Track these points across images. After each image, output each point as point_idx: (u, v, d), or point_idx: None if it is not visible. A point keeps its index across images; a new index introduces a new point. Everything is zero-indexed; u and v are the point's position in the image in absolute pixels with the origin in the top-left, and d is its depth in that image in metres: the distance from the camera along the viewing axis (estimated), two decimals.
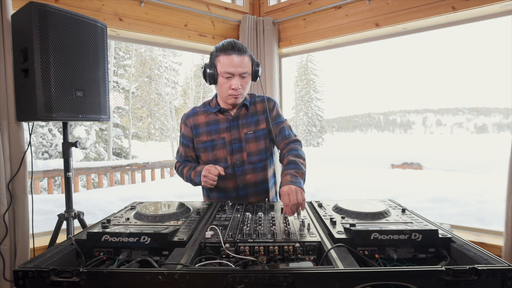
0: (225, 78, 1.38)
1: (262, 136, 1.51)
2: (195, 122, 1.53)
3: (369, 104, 76.45)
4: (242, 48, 1.37)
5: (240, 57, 1.36)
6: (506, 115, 41.47)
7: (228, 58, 1.35)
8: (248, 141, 1.49)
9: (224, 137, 1.48)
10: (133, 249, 0.94)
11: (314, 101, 22.40)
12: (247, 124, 1.50)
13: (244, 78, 1.39)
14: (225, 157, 1.48)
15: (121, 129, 13.03)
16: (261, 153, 1.50)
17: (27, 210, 1.76)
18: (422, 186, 5.77)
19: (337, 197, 4.64)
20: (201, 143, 1.51)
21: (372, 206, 1.20)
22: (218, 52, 1.37)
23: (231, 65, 1.35)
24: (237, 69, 1.35)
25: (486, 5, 1.91)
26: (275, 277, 0.70)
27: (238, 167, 1.49)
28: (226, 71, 1.36)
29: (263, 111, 1.53)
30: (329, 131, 41.82)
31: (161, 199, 4.56)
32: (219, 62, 1.37)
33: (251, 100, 1.54)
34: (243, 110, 1.51)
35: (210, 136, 1.50)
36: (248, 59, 1.39)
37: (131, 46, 14.45)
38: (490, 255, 0.81)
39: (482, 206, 4.12)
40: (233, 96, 1.41)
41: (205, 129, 1.51)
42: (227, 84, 1.39)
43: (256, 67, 1.43)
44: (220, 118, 1.50)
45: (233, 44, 1.35)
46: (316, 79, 22.44)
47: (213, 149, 1.49)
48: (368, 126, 53.99)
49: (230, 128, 1.49)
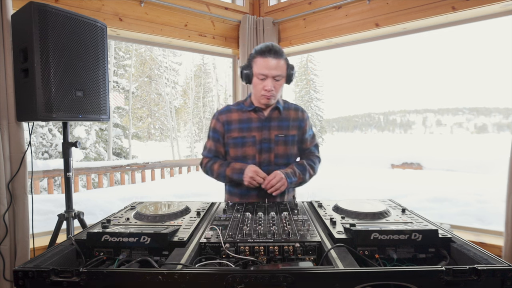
0: (259, 79, 1.45)
1: (291, 142, 1.57)
2: (227, 118, 1.58)
3: (369, 104, 76.51)
4: (279, 51, 1.44)
5: (276, 60, 1.42)
6: (506, 115, 41.47)
7: (264, 60, 1.42)
8: (277, 143, 1.55)
9: (254, 136, 1.54)
10: (133, 249, 0.94)
11: (314, 101, 22.39)
12: (279, 127, 1.56)
13: (278, 81, 1.46)
14: (254, 155, 1.54)
15: (121, 129, 13.04)
16: (287, 157, 1.57)
17: (27, 210, 1.76)
18: (422, 186, 5.76)
19: (337, 197, 4.64)
20: (232, 139, 1.56)
21: (372, 206, 1.20)
22: (256, 54, 1.46)
23: (265, 67, 1.42)
24: (271, 72, 1.42)
25: (486, 5, 1.91)
26: (275, 277, 0.70)
27: (264, 166, 1.54)
28: (261, 72, 1.43)
29: (295, 118, 1.59)
30: (329, 131, 41.81)
31: (161, 199, 4.55)
32: (255, 63, 1.45)
33: (285, 106, 1.61)
34: (276, 112, 1.57)
35: (241, 133, 1.55)
36: (284, 63, 1.46)
37: (131, 46, 14.45)
38: (490, 255, 0.81)
39: (482, 206, 4.11)
40: (265, 97, 1.47)
41: (237, 126, 1.56)
42: (260, 85, 1.46)
43: (291, 71, 1.49)
44: (253, 116, 1.56)
45: (270, 47, 1.42)
46: (316, 79, 22.44)
47: (243, 146, 1.55)
48: (368, 126, 53.98)
49: (261, 127, 1.54)
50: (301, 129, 1.60)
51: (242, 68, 1.51)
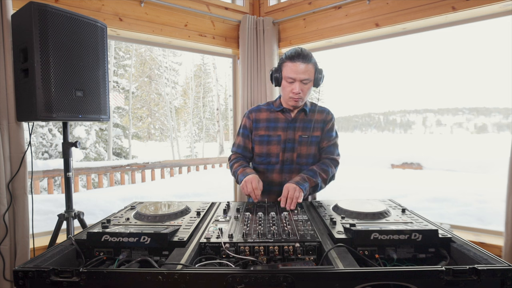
0: (288, 82, 1.52)
1: (315, 143, 1.63)
2: (257, 116, 1.67)
3: (369, 104, 76.46)
4: (307, 56, 1.49)
5: (304, 64, 1.47)
6: (506, 115, 41.46)
7: (293, 64, 1.48)
8: (300, 144, 1.61)
9: (280, 135, 1.61)
10: (133, 249, 0.94)
11: (314, 101, 22.38)
12: (303, 128, 1.62)
13: (306, 84, 1.51)
14: (278, 153, 1.61)
15: (121, 129, 13.03)
16: (309, 157, 1.62)
17: (27, 210, 1.76)
18: (422, 186, 5.76)
19: (337, 197, 4.62)
20: (258, 136, 1.65)
21: (372, 206, 1.20)
22: (285, 58, 1.52)
23: (294, 71, 1.48)
24: (299, 75, 1.48)
25: (486, 5, 1.91)
26: (275, 277, 0.70)
27: (287, 164, 1.62)
28: (289, 76, 1.49)
29: (321, 120, 1.65)
30: None
31: (161, 199, 4.55)
32: (284, 67, 1.52)
33: (311, 108, 1.67)
34: (302, 114, 1.63)
35: (268, 132, 1.63)
36: (312, 67, 1.50)
37: (131, 46, 14.44)
38: (490, 255, 0.81)
39: (482, 206, 4.11)
40: (293, 99, 1.54)
41: (264, 124, 1.64)
42: (289, 88, 1.52)
43: (319, 74, 1.53)
44: (280, 117, 1.64)
45: (299, 52, 1.48)
46: None
47: (268, 144, 1.63)
48: (368, 126, 53.96)
49: (287, 128, 1.62)
50: (323, 129, 1.65)
51: (272, 71, 1.58)
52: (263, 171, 1.66)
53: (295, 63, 1.47)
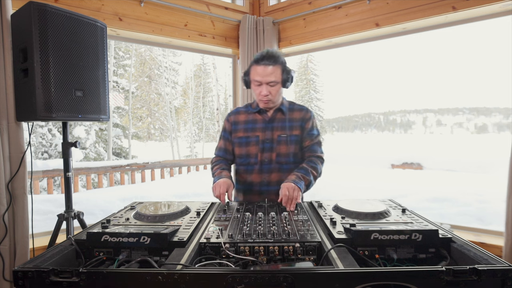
0: (256, 85, 1.54)
1: (294, 142, 1.62)
2: (235, 119, 1.68)
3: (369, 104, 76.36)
4: (273, 57, 1.49)
5: (270, 66, 1.48)
6: (506, 115, 41.45)
7: (259, 67, 1.49)
8: (279, 143, 1.61)
9: (258, 135, 1.62)
10: (133, 249, 0.94)
11: (314, 101, 22.39)
12: (281, 127, 1.63)
13: (273, 86, 1.52)
14: (256, 154, 1.62)
15: (121, 129, 13.02)
16: (289, 156, 1.62)
17: (26, 210, 1.76)
18: (422, 186, 5.76)
19: (337, 197, 4.62)
20: (237, 138, 1.66)
21: (372, 206, 1.20)
22: (253, 61, 1.53)
23: (259, 74, 1.49)
24: (264, 78, 1.49)
25: (486, 5, 1.91)
26: (275, 277, 0.70)
27: (265, 164, 1.62)
28: (255, 79, 1.52)
29: (299, 119, 1.65)
30: (329, 131, 41.81)
31: (161, 199, 4.55)
32: (252, 70, 1.54)
33: (289, 107, 1.67)
34: (279, 114, 1.64)
35: (246, 133, 1.64)
36: (279, 68, 1.51)
37: (131, 46, 14.44)
38: (490, 255, 0.81)
39: (482, 206, 4.11)
40: (262, 101, 1.56)
41: (243, 126, 1.65)
42: (257, 90, 1.55)
43: (286, 75, 1.53)
44: (258, 118, 1.65)
45: (264, 55, 1.49)
46: (316, 79, 22.43)
47: (247, 145, 1.63)
48: (368, 126, 53.95)
49: (265, 128, 1.62)
50: (303, 128, 1.64)
51: (243, 74, 1.61)
52: (243, 172, 1.68)
53: (260, 65, 1.47)
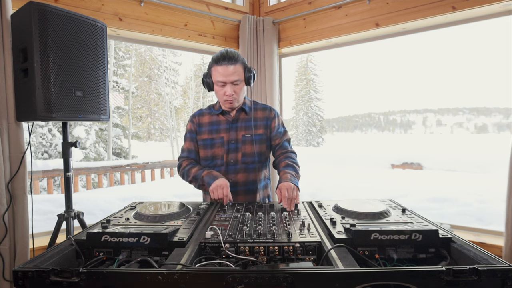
0: (219, 86, 1.51)
1: (258, 141, 1.61)
2: (199, 121, 1.65)
3: (369, 104, 76.34)
4: (233, 57, 1.47)
5: (232, 66, 1.46)
6: (506, 115, 41.45)
7: (221, 68, 1.47)
8: (244, 143, 1.60)
9: (222, 137, 1.60)
10: (133, 249, 0.93)
11: (314, 101, 22.40)
12: (246, 127, 1.61)
13: (237, 85, 1.51)
14: (222, 155, 1.60)
15: (121, 129, 13.03)
16: (254, 156, 1.61)
17: (26, 210, 1.76)
18: (422, 186, 5.76)
19: (337, 197, 4.63)
20: (202, 140, 1.63)
21: (372, 206, 1.20)
22: (212, 62, 1.50)
23: (222, 74, 1.47)
24: (228, 78, 1.47)
25: (486, 5, 1.91)
26: (275, 277, 0.70)
27: (231, 165, 1.60)
28: (219, 80, 1.49)
29: (263, 118, 1.64)
30: (329, 131, 41.77)
31: (161, 199, 4.55)
32: (213, 71, 1.50)
33: (252, 106, 1.65)
34: (242, 114, 1.63)
35: (211, 135, 1.61)
36: (240, 67, 1.50)
37: (131, 46, 14.44)
38: (490, 255, 0.81)
39: (482, 206, 4.11)
40: (227, 102, 1.53)
41: (207, 128, 1.63)
42: (221, 91, 1.52)
43: (249, 73, 1.53)
44: (221, 119, 1.62)
45: (224, 55, 1.46)
46: (316, 79, 22.44)
47: (212, 147, 1.61)
48: (368, 126, 53.93)
49: (229, 129, 1.60)
50: (268, 127, 1.64)
51: (203, 77, 1.56)
52: None
53: (222, 66, 1.46)
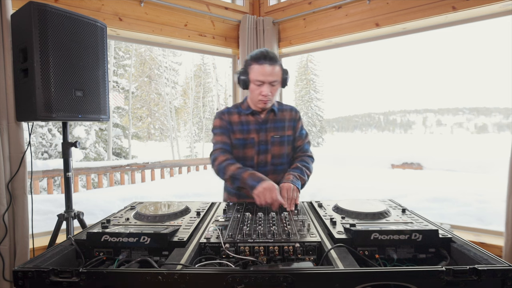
0: (256, 85, 1.50)
1: (286, 142, 1.63)
2: (230, 119, 1.62)
3: (369, 104, 76.31)
4: (274, 58, 1.49)
5: (271, 66, 1.47)
6: (506, 115, 41.44)
7: (260, 67, 1.47)
8: (273, 144, 1.60)
9: (253, 138, 1.60)
10: (133, 249, 0.93)
11: (314, 101, 22.40)
12: (274, 128, 1.61)
13: (274, 86, 1.51)
14: (253, 156, 1.60)
15: (121, 129, 13.03)
16: (282, 157, 1.62)
17: (26, 210, 1.76)
18: (422, 186, 5.75)
19: (337, 197, 4.62)
20: (235, 139, 1.61)
21: (372, 206, 1.20)
22: (252, 61, 1.50)
23: (262, 73, 1.47)
24: (267, 78, 1.47)
25: (486, 5, 1.91)
26: (275, 277, 0.70)
27: (261, 167, 1.60)
28: (257, 79, 1.48)
29: (290, 119, 1.65)
30: (329, 131, 41.75)
31: (161, 199, 4.55)
32: (251, 70, 1.50)
33: (279, 107, 1.66)
34: (271, 115, 1.62)
35: (242, 135, 1.60)
36: (279, 68, 1.51)
37: (131, 46, 14.44)
38: (490, 255, 0.81)
39: (482, 206, 4.11)
40: (262, 102, 1.52)
41: (238, 127, 1.61)
42: (257, 90, 1.50)
43: (285, 75, 1.55)
44: (250, 119, 1.61)
45: (265, 54, 1.47)
46: (316, 79, 22.44)
47: (244, 148, 1.60)
48: (368, 126, 53.92)
49: (259, 130, 1.60)
50: (295, 128, 1.66)
51: (239, 74, 1.56)
52: None
53: (262, 65, 1.46)
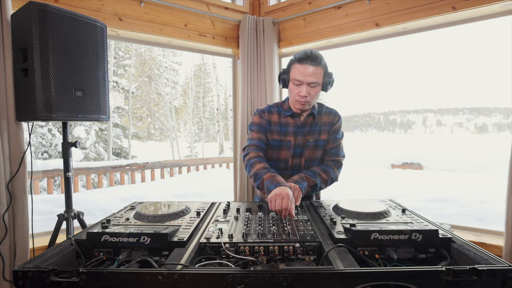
0: (295, 85, 1.48)
1: (322, 146, 1.60)
2: (269, 118, 1.60)
3: (369, 104, 76.30)
4: (317, 58, 1.44)
5: (313, 67, 1.43)
6: (506, 115, 41.42)
7: (301, 67, 1.44)
8: (308, 148, 1.58)
9: (290, 140, 1.58)
10: (133, 249, 0.93)
11: None
12: (311, 132, 1.59)
13: (313, 88, 1.46)
14: (287, 159, 1.59)
15: (121, 129, 13.02)
16: (316, 161, 1.61)
17: (26, 210, 1.76)
18: (422, 186, 5.76)
19: (337, 197, 4.60)
20: (272, 139, 1.60)
21: (372, 206, 1.20)
22: (294, 60, 1.48)
23: (301, 73, 1.44)
24: (306, 78, 1.43)
25: (486, 5, 1.90)
26: (275, 277, 0.70)
27: (295, 170, 1.59)
28: (296, 78, 1.46)
29: (328, 123, 1.61)
30: None
31: (161, 199, 4.55)
32: (293, 69, 1.48)
33: (319, 110, 1.62)
34: (311, 118, 1.59)
35: (279, 136, 1.59)
36: (321, 70, 1.46)
37: (131, 46, 14.44)
38: (490, 255, 0.81)
39: (482, 206, 4.11)
40: (299, 102, 1.49)
41: (277, 128, 1.59)
42: (296, 90, 1.48)
43: (328, 78, 1.49)
44: (290, 121, 1.59)
45: (308, 54, 1.44)
46: None
47: (280, 149, 1.59)
48: (368, 126, 53.92)
49: (296, 133, 1.58)
50: (329, 132, 1.61)
51: (281, 73, 1.55)
52: None
53: (303, 65, 1.43)
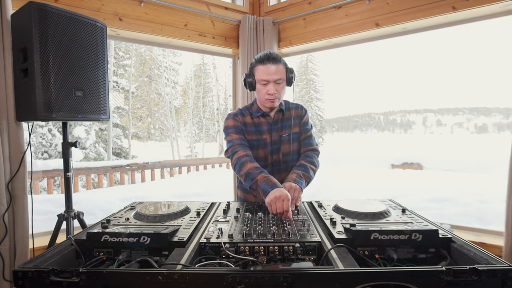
0: (262, 85, 1.55)
1: (296, 139, 1.68)
2: (243, 120, 1.65)
3: (369, 104, 76.25)
4: (277, 58, 1.53)
5: (275, 65, 1.52)
6: (506, 115, 41.42)
7: (264, 67, 1.52)
8: (283, 143, 1.65)
9: (265, 138, 1.64)
10: (133, 249, 0.93)
11: (314, 101, 22.38)
12: (284, 127, 1.66)
13: (279, 84, 1.55)
14: (266, 156, 1.64)
15: (121, 129, 13.02)
16: (293, 154, 1.67)
17: (26, 210, 1.76)
18: (422, 186, 5.76)
19: (337, 197, 4.63)
20: (249, 140, 1.64)
21: (372, 206, 1.20)
22: (256, 62, 1.56)
23: (266, 73, 1.51)
24: (271, 76, 1.51)
25: (486, 5, 1.91)
26: (275, 277, 0.70)
27: (275, 165, 1.65)
28: (262, 78, 1.53)
29: (298, 116, 1.70)
30: (329, 131, 41.69)
31: (161, 199, 4.55)
32: (256, 71, 1.56)
33: (286, 106, 1.70)
34: (280, 114, 1.66)
35: (256, 136, 1.64)
36: (283, 67, 1.55)
37: (131, 46, 14.43)
38: (490, 255, 0.81)
39: (482, 206, 4.11)
40: (269, 100, 1.56)
41: (252, 128, 1.64)
42: (264, 90, 1.55)
43: (290, 74, 1.57)
44: (262, 121, 1.65)
45: (268, 55, 1.53)
46: (316, 79, 22.42)
47: (257, 148, 1.63)
48: (368, 126, 53.90)
49: (270, 130, 1.64)
50: (300, 124, 1.70)
51: (245, 76, 1.61)
52: None
53: (266, 65, 1.51)
